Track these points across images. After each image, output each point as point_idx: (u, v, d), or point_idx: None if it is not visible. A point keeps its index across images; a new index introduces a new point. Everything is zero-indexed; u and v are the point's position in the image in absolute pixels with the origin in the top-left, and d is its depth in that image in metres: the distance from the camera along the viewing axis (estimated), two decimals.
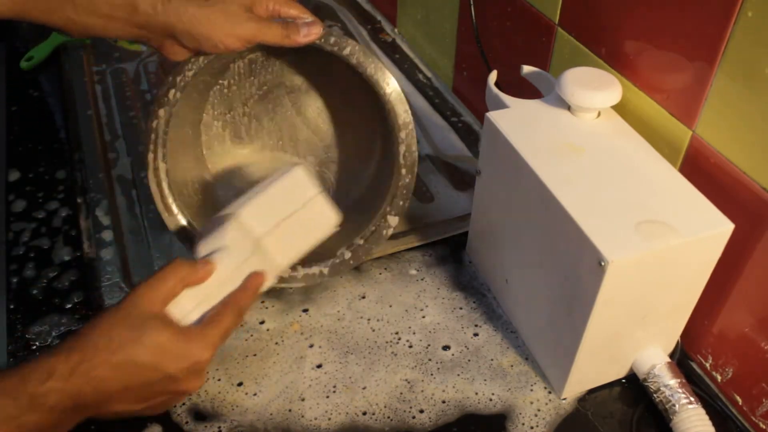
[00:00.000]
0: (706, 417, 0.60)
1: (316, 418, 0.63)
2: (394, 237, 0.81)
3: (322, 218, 0.65)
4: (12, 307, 0.72)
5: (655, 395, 0.62)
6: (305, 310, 0.73)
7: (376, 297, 0.74)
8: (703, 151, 0.61)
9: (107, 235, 0.80)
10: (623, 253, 0.52)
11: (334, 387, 0.66)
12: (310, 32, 0.63)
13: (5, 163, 0.90)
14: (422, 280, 0.76)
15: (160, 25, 0.59)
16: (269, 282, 0.62)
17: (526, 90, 0.75)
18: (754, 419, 0.63)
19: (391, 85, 0.67)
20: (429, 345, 0.70)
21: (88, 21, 0.59)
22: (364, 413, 0.64)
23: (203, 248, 0.60)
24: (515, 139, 0.63)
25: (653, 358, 0.63)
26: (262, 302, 0.73)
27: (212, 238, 0.60)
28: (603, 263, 0.52)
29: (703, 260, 0.58)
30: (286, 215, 0.62)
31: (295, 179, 0.64)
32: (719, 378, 0.67)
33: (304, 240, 0.65)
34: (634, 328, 0.61)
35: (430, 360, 0.68)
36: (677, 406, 0.60)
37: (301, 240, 0.64)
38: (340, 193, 0.81)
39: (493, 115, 0.66)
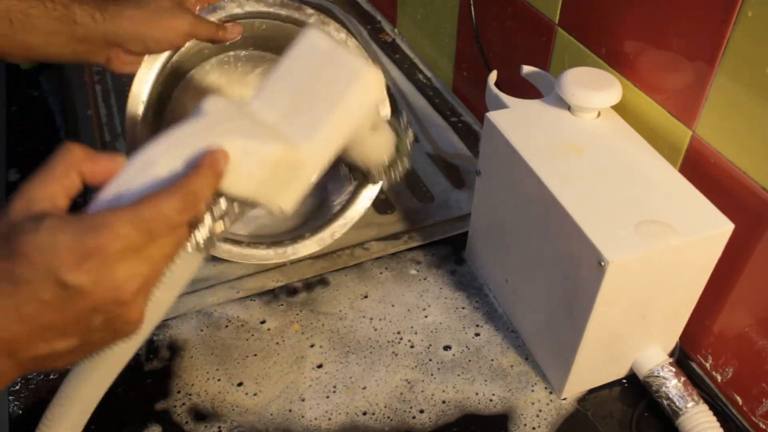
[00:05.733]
0: (713, 416, 0.60)
1: (316, 419, 0.63)
2: (394, 237, 0.81)
3: (351, 72, 0.50)
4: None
5: (656, 395, 0.62)
6: (307, 310, 0.73)
7: (379, 297, 0.74)
8: (703, 151, 0.61)
9: None
10: (623, 253, 0.52)
11: (335, 387, 0.66)
12: (234, 31, 0.69)
13: (5, 163, 0.90)
14: (425, 279, 0.77)
15: (101, 34, 0.59)
16: (300, 182, 0.49)
17: (526, 90, 0.75)
18: (754, 419, 0.63)
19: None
20: (430, 345, 0.70)
21: (27, 39, 0.58)
22: (365, 413, 0.64)
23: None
24: (515, 139, 0.63)
25: (653, 358, 0.63)
26: (253, 300, 0.74)
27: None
28: (603, 263, 0.52)
29: (703, 260, 0.58)
30: (301, 85, 0.49)
31: (307, 45, 0.51)
32: (719, 378, 0.67)
33: (335, 107, 0.49)
34: (634, 328, 0.61)
35: (430, 360, 0.68)
36: (683, 405, 0.60)
37: (330, 108, 0.49)
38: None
39: (493, 115, 0.66)
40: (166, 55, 0.68)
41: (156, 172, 0.43)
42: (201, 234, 0.45)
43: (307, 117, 0.48)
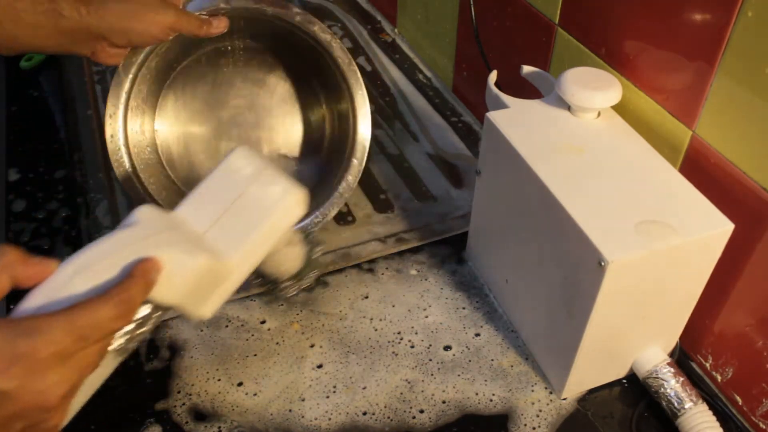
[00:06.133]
0: (712, 416, 0.60)
1: (316, 419, 0.63)
2: (394, 237, 0.81)
3: (278, 191, 0.54)
4: (12, 307, 0.72)
5: (656, 395, 0.62)
6: (307, 310, 0.73)
7: (379, 297, 0.74)
8: (703, 151, 0.61)
9: None
10: (623, 253, 0.52)
11: (335, 387, 0.66)
12: (219, 25, 0.68)
13: (5, 163, 0.90)
14: (425, 279, 0.77)
15: (85, 27, 0.60)
16: (224, 291, 0.52)
17: (526, 90, 0.75)
18: (754, 419, 0.63)
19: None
20: (431, 345, 0.70)
21: (13, 31, 0.59)
22: (365, 413, 0.64)
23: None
24: (515, 139, 0.63)
25: (653, 358, 0.63)
26: (252, 300, 0.73)
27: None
28: (603, 263, 0.52)
29: (703, 260, 0.58)
30: (231, 200, 0.52)
31: (236, 160, 0.54)
32: (719, 378, 0.67)
33: (262, 223, 0.53)
34: (634, 328, 0.61)
35: (430, 360, 0.68)
36: (683, 405, 0.60)
37: (257, 224, 0.53)
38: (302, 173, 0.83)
39: (493, 115, 0.66)
40: (146, 50, 0.70)
41: (89, 279, 0.44)
42: (122, 338, 0.47)
43: (234, 232, 0.51)
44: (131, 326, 0.47)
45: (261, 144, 0.84)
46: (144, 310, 0.48)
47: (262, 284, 0.66)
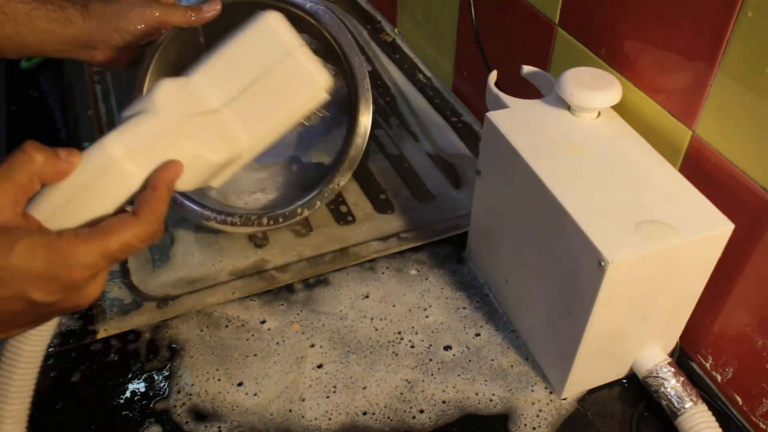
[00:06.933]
0: (711, 416, 0.60)
1: (316, 419, 0.63)
2: (394, 237, 0.81)
3: (303, 79, 0.50)
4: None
5: (656, 395, 0.62)
6: (308, 310, 0.73)
7: (380, 296, 0.74)
8: (703, 151, 0.61)
9: None
10: (623, 253, 0.52)
11: (335, 387, 0.66)
12: (210, 8, 0.68)
13: None
14: (426, 279, 0.77)
15: (87, 32, 0.64)
16: (234, 167, 0.51)
17: (526, 90, 0.75)
18: (754, 419, 0.63)
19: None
20: (431, 345, 0.70)
21: (27, 37, 0.62)
22: (365, 413, 0.64)
23: (125, 114, 0.46)
24: (515, 139, 0.63)
25: (653, 358, 0.63)
26: (251, 299, 0.73)
27: (139, 102, 0.46)
28: (603, 263, 0.52)
29: (703, 260, 0.58)
30: (252, 79, 0.49)
31: (265, 31, 0.49)
32: (719, 378, 0.67)
33: (281, 110, 0.50)
34: (634, 328, 0.61)
35: (431, 360, 0.68)
36: (683, 405, 0.60)
37: (276, 110, 0.50)
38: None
39: (493, 115, 0.66)
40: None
41: (115, 178, 0.44)
42: None
43: (253, 116, 0.49)
44: None
45: None
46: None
47: None
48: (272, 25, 0.49)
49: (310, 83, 0.50)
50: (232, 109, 0.48)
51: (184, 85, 0.47)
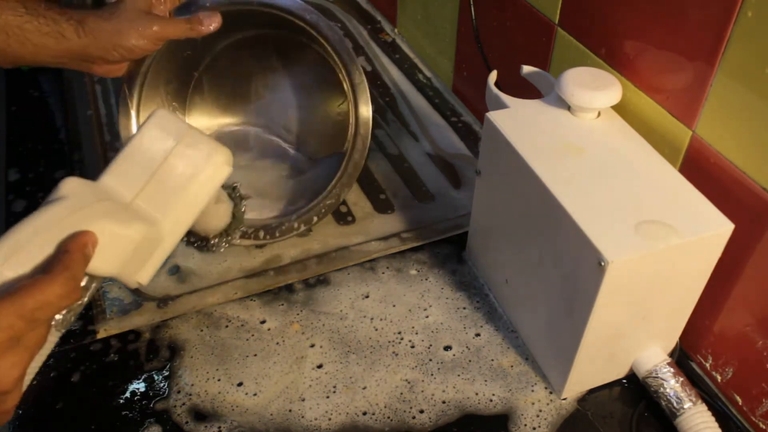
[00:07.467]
0: (711, 416, 0.60)
1: (316, 419, 0.63)
2: (394, 237, 0.81)
3: (199, 159, 0.54)
4: None
5: (656, 395, 0.62)
6: (308, 310, 0.73)
7: (380, 296, 0.74)
8: (703, 151, 0.61)
9: None
10: (623, 253, 0.52)
11: (335, 387, 0.66)
12: (211, 21, 0.68)
13: (5, 163, 0.90)
14: (426, 279, 0.77)
15: (83, 48, 0.63)
16: (159, 255, 0.53)
17: (526, 90, 0.75)
18: (754, 419, 0.63)
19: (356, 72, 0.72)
20: (431, 345, 0.70)
21: (19, 50, 0.61)
22: (365, 413, 0.64)
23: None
24: (515, 139, 0.63)
25: (653, 358, 0.63)
26: (251, 300, 0.73)
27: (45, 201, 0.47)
28: (603, 263, 0.52)
29: (703, 260, 0.58)
30: (153, 170, 0.52)
31: (154, 125, 0.53)
32: (719, 378, 0.67)
33: (188, 190, 0.53)
34: (634, 328, 0.61)
35: (431, 360, 0.68)
36: (682, 405, 0.60)
37: (183, 191, 0.53)
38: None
39: (493, 115, 0.66)
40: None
41: (25, 260, 0.44)
42: (63, 313, 0.47)
43: (163, 197, 0.52)
44: None
45: (291, 127, 0.86)
46: (82, 283, 0.48)
47: (191, 243, 0.67)
48: (160, 120, 0.54)
49: (207, 161, 0.54)
50: (141, 198, 0.51)
51: (91, 184, 0.49)
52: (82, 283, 0.48)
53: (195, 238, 0.67)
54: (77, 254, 0.44)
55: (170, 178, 0.52)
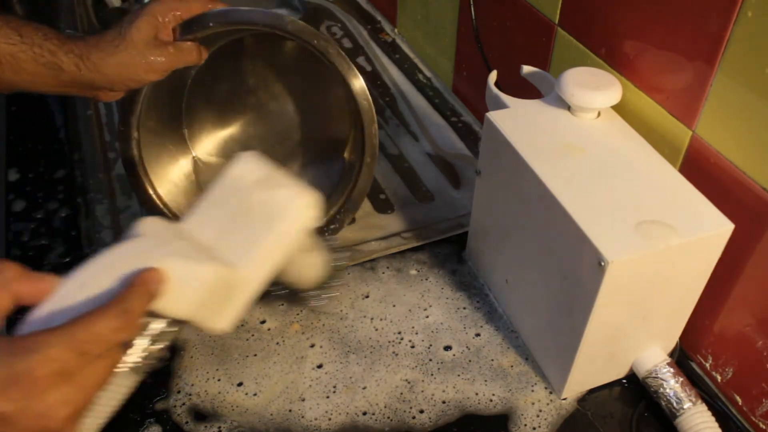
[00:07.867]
0: (711, 416, 0.60)
1: (316, 419, 0.63)
2: (394, 237, 0.81)
3: (284, 202, 0.52)
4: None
5: (656, 395, 0.62)
6: (308, 310, 0.73)
7: (380, 296, 0.74)
8: (703, 151, 0.61)
9: (107, 235, 0.80)
10: (623, 253, 0.52)
11: (335, 387, 0.66)
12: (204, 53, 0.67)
13: (5, 163, 0.90)
14: (426, 279, 0.77)
15: (86, 81, 0.62)
16: (237, 301, 0.50)
17: (526, 90, 0.75)
18: (754, 419, 0.63)
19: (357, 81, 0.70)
20: (431, 345, 0.70)
21: (14, 79, 0.60)
22: (365, 413, 0.64)
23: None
24: (515, 139, 0.63)
25: (653, 358, 0.63)
26: (259, 301, 0.73)
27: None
28: (603, 263, 0.52)
29: (703, 260, 0.58)
30: (235, 214, 0.51)
31: (241, 167, 0.53)
32: (719, 378, 0.67)
33: (270, 235, 0.51)
34: (634, 328, 0.61)
35: (431, 360, 0.68)
36: (682, 405, 0.60)
37: (265, 236, 0.51)
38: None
39: (493, 115, 0.66)
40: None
41: (90, 292, 0.42)
42: (137, 355, 0.45)
43: (243, 240, 0.49)
44: (146, 342, 0.46)
45: (291, 132, 0.85)
46: (158, 325, 0.46)
47: (284, 294, 0.65)
48: (247, 160, 0.52)
49: (289, 204, 0.52)
50: (219, 241, 0.49)
51: (169, 224, 0.48)
52: (160, 326, 0.46)
53: (288, 290, 0.64)
54: (138, 288, 0.42)
55: (252, 221, 0.50)
